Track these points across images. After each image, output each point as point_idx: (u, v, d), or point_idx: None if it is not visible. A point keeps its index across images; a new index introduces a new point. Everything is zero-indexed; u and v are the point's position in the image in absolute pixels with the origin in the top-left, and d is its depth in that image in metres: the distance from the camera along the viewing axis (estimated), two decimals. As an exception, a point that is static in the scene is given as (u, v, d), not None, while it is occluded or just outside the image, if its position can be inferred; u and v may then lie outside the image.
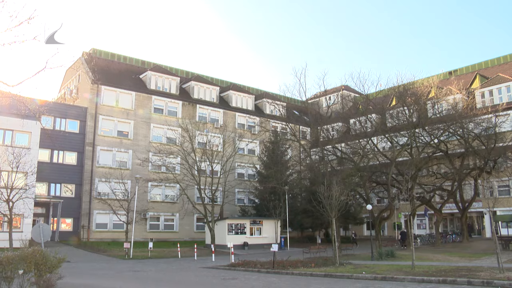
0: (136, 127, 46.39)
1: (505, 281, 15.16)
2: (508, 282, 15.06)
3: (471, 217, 46.52)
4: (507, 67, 49.32)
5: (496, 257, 18.13)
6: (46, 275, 12.13)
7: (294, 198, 49.25)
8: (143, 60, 54.22)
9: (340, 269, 21.33)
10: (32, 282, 12.11)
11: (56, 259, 12.62)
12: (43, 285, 11.82)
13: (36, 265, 12.04)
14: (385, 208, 39.67)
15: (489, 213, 23.15)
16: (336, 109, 52.43)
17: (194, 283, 18.86)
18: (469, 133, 38.43)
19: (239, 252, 35.08)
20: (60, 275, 12.69)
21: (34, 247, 12.63)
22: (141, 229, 43.09)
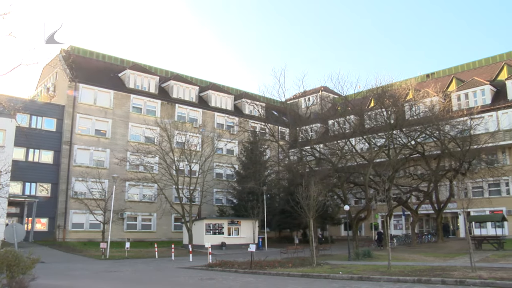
0: (114, 126, 45.95)
1: (477, 280, 15.47)
2: (479, 280, 15.36)
3: (446, 217, 47.22)
4: (482, 71, 50.20)
5: (469, 257, 18.44)
6: (18, 276, 11.94)
7: (272, 198, 49.36)
8: (122, 59, 53.73)
9: (317, 269, 21.42)
10: (3, 284, 11.90)
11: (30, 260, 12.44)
12: (15, 287, 11.63)
13: (8, 266, 11.83)
14: (362, 209, 40.00)
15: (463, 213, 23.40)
16: (315, 110, 52.68)
17: (171, 283, 18.74)
18: (445, 135, 39.01)
19: (216, 252, 34.98)
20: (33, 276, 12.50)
21: (6, 248, 12.42)
22: (118, 229, 42.69)
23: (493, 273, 16.87)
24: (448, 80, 51.15)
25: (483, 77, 47.81)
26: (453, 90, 48.19)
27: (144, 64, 54.21)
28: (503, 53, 50.68)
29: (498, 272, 17.47)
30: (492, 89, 45.45)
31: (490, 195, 42.92)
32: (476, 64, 52.33)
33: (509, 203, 42.01)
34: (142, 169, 43.80)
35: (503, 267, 19.79)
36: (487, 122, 41.54)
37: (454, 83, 49.71)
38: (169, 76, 54.73)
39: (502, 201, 42.32)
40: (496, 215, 37.34)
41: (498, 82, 46.28)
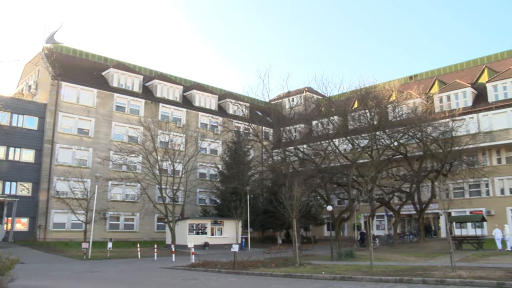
0: (97, 125, 45.55)
1: (457, 279, 15.70)
2: (459, 280, 15.59)
3: (427, 218, 47.71)
4: (463, 73, 50.85)
5: (450, 257, 18.67)
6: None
7: (256, 198, 49.41)
8: (105, 57, 53.28)
9: (300, 269, 21.49)
10: (-19, 285, 11.73)
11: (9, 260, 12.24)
12: (-7, 288, 11.46)
13: (-14, 267, 11.65)
14: (345, 209, 40.21)
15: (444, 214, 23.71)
16: (299, 110, 52.88)
17: (154, 283, 18.64)
18: (428, 137, 39.41)
19: (199, 252, 34.93)
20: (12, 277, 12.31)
21: (-15, 248, 12.23)
22: (100, 229, 42.33)
23: (472, 273, 17.12)
24: (431, 82, 51.72)
25: (464, 79, 48.45)
26: (435, 92, 48.74)
27: (128, 63, 53.84)
28: (484, 57, 51.43)
29: (477, 271, 17.74)
30: (473, 91, 46.08)
31: (471, 196, 43.51)
32: (458, 67, 53.00)
33: (489, 204, 42.65)
34: (125, 169, 43.46)
35: (482, 266, 20.10)
36: (468, 124, 42.09)
37: (437, 85, 50.29)
38: (153, 75, 54.45)
39: (482, 202, 42.95)
40: (476, 215, 37.86)
41: (479, 85, 46.93)
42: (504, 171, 42.52)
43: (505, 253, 28.61)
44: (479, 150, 43.12)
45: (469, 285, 15.03)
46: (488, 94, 44.29)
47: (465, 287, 14.92)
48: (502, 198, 42.32)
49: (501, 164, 43.02)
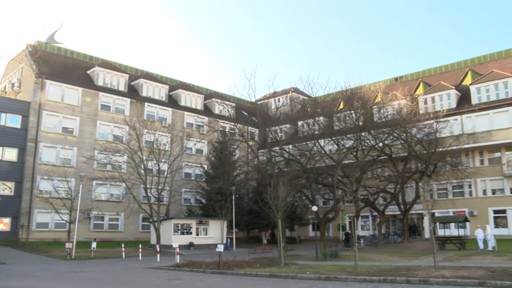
0: (82, 124, 45.18)
1: (440, 279, 15.88)
2: (442, 279, 15.77)
3: (412, 218, 48.11)
4: (448, 75, 51.38)
5: (433, 257, 18.86)
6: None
7: (241, 198, 49.41)
8: (91, 56, 52.84)
9: (285, 270, 21.52)
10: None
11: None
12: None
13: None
14: (330, 210, 40.40)
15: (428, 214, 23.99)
16: (285, 111, 52.99)
17: (138, 283, 18.54)
18: (412, 138, 39.72)
19: (184, 252, 34.80)
20: (-6, 276, 12.17)
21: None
22: (85, 229, 42.00)
23: (455, 272, 17.32)
24: (416, 84, 52.18)
25: (449, 81, 48.96)
26: (420, 93, 49.19)
27: (113, 61, 53.48)
28: (468, 59, 52.04)
29: (460, 271, 17.95)
30: (457, 93, 46.59)
31: (454, 197, 43.97)
32: (442, 69, 53.54)
33: (471, 205, 43.17)
34: (110, 168, 43.17)
35: (464, 266, 20.34)
36: (452, 125, 42.50)
37: (422, 87, 50.76)
38: (139, 74, 54.18)
39: (465, 203, 43.45)
40: (459, 216, 38.30)
41: (463, 87, 47.46)
42: (486, 172, 43.07)
43: (486, 252, 28.97)
44: (462, 152, 43.61)
45: (452, 285, 15.21)
46: (471, 96, 44.81)
47: (447, 286, 15.10)
48: (484, 199, 42.87)
49: (484, 166, 43.57)
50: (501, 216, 42.20)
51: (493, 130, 41.81)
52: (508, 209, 41.54)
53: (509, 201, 41.51)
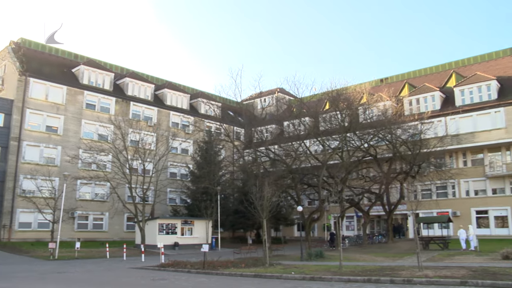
0: (67, 123, 44.76)
1: (423, 279, 16.07)
2: (425, 279, 15.96)
3: (396, 219, 48.49)
4: (432, 77, 51.87)
5: (417, 257, 19.04)
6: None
7: (226, 198, 49.36)
8: (76, 54, 52.30)
9: (270, 270, 21.55)
10: None
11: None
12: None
13: None
14: (316, 210, 40.54)
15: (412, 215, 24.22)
16: (271, 111, 53.03)
17: (122, 284, 18.44)
18: (397, 139, 40.03)
19: (169, 252, 34.71)
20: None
21: None
22: (68, 229, 41.60)
23: (438, 272, 17.51)
24: (401, 85, 52.57)
25: (433, 83, 49.43)
26: (405, 95, 49.58)
27: (99, 60, 53.02)
28: (452, 62, 52.62)
29: (443, 270, 18.15)
30: (442, 95, 47.05)
31: (438, 197, 44.45)
32: (427, 71, 54.04)
33: (455, 205, 43.66)
34: (94, 167, 42.81)
35: (447, 265, 20.57)
36: (436, 127, 42.93)
37: (407, 89, 51.17)
38: (125, 73, 53.82)
39: (448, 203, 43.93)
40: (443, 216, 38.68)
41: (447, 89, 47.94)
42: (469, 173, 43.58)
43: (468, 252, 29.34)
44: (446, 153, 44.07)
45: (435, 284, 15.39)
46: (455, 98, 45.28)
47: (430, 286, 15.28)
48: (467, 200, 43.39)
49: (467, 167, 44.08)
50: (483, 216, 42.76)
51: (476, 132, 42.31)
52: (490, 209, 42.10)
53: (491, 201, 42.07)
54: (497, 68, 46.88)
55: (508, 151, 42.12)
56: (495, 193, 42.45)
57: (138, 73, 55.63)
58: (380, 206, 43.37)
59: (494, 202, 41.99)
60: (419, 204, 23.58)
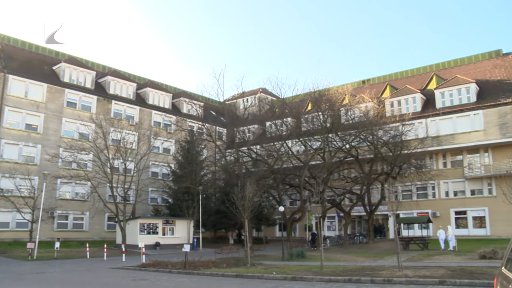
0: (47, 121, 44.15)
1: (403, 278, 16.28)
2: (405, 279, 16.17)
3: (377, 219, 48.89)
4: (414, 79, 52.43)
5: (397, 257, 19.24)
6: None
7: (208, 198, 49.26)
8: (57, 51, 51.57)
9: (251, 270, 21.58)
10: None
11: None
12: None
13: None
14: (297, 210, 40.69)
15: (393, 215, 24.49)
16: (253, 111, 53.04)
17: (102, 284, 18.29)
18: (378, 140, 40.37)
19: (150, 252, 34.53)
20: None
21: None
22: (48, 228, 41.03)
23: (417, 272, 17.73)
24: (383, 87, 53.02)
25: (414, 85, 49.95)
26: (387, 96, 50.00)
27: (80, 58, 52.39)
28: (433, 64, 53.28)
29: (422, 270, 18.38)
30: (422, 97, 47.56)
31: (418, 198, 44.89)
32: (408, 73, 54.62)
33: (435, 206, 44.17)
34: (75, 166, 42.32)
35: (426, 265, 20.84)
36: (417, 128, 43.36)
37: (388, 90, 51.62)
38: (106, 72, 53.31)
39: (428, 204, 44.41)
40: (423, 217, 39.09)
41: (428, 91, 48.48)
42: (449, 175, 44.14)
43: (447, 252, 29.75)
44: (426, 154, 44.56)
45: (414, 284, 15.58)
46: (436, 100, 45.80)
47: (410, 286, 15.46)
48: (446, 200, 43.95)
49: (447, 168, 44.63)
50: (462, 217, 43.35)
51: (456, 134, 42.86)
52: (468, 210, 42.70)
53: (470, 202, 42.67)
54: (476, 71, 47.59)
55: (486, 153, 42.79)
56: (474, 194, 43.07)
57: (120, 71, 55.17)
58: (361, 206, 43.68)
59: (472, 203, 42.60)
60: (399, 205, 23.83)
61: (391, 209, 24.69)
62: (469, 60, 50.38)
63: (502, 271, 6.05)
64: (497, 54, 48.69)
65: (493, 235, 39.70)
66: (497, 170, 40.73)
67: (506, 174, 37.53)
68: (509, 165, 39.35)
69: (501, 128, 40.49)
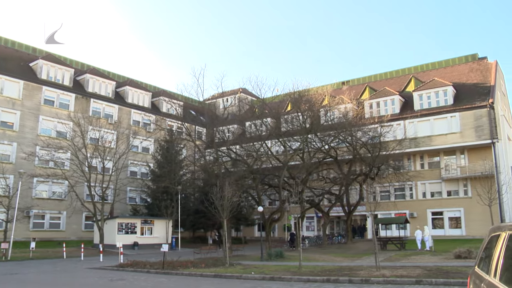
0: (23, 118, 43.41)
1: (380, 278, 16.45)
2: (382, 279, 16.35)
3: (355, 220, 49.26)
4: (393, 81, 53.01)
5: (374, 257, 19.44)
6: None
7: (187, 198, 49.06)
8: (34, 47, 50.76)
9: (230, 270, 21.58)
10: None
11: None
12: None
13: None
14: (276, 210, 40.77)
15: (371, 216, 24.75)
16: (233, 111, 52.97)
17: (79, 285, 18.08)
18: (357, 141, 40.67)
19: (128, 252, 34.28)
20: None
21: None
22: (23, 228, 40.35)
23: (394, 272, 17.94)
24: (362, 89, 53.46)
25: (393, 87, 50.48)
26: (366, 98, 50.40)
27: (58, 55, 51.69)
28: (411, 67, 53.97)
29: (399, 270, 18.62)
30: (401, 99, 48.10)
31: (396, 199, 45.41)
32: (387, 75, 55.22)
33: (412, 207, 44.70)
34: (52, 165, 41.77)
35: (403, 265, 21.11)
36: (395, 130, 43.83)
37: (367, 92, 52.06)
38: (85, 69, 52.68)
39: (406, 205, 44.92)
40: (400, 217, 39.54)
41: (406, 93, 49.05)
42: (426, 176, 44.73)
43: (424, 252, 30.17)
44: (404, 155, 45.08)
45: (392, 284, 15.77)
46: (414, 102, 46.34)
47: (387, 285, 15.64)
48: (423, 201, 44.52)
49: (424, 169, 45.22)
50: (439, 217, 43.95)
51: (433, 136, 43.42)
52: (444, 211, 43.31)
53: (446, 203, 43.29)
54: (453, 74, 48.37)
55: (462, 154, 43.48)
56: (450, 195, 43.71)
57: (99, 69, 54.57)
58: (340, 207, 43.96)
59: (448, 203, 43.23)
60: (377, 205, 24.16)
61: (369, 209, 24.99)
62: (446, 63, 51.20)
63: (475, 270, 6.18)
64: (473, 58, 49.60)
65: (468, 235, 40.35)
66: (472, 171, 41.43)
67: (481, 176, 38.24)
68: (484, 167, 40.10)
69: (477, 130, 41.19)
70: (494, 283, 4.85)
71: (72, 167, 39.63)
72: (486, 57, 48.93)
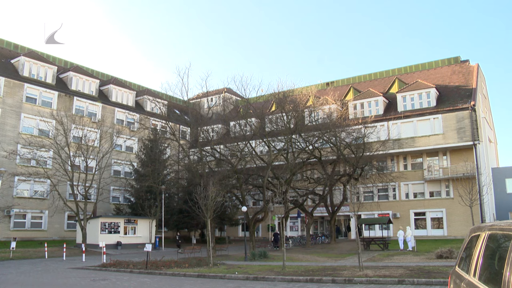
0: (4, 116, 42.83)
1: (363, 278, 16.60)
2: (365, 279, 16.49)
3: (339, 220, 49.53)
4: (377, 83, 53.42)
5: (358, 257, 19.59)
6: None
7: (171, 198, 48.87)
8: (16, 44, 50.12)
9: (213, 270, 21.56)
10: None
11: None
12: None
13: None
14: (260, 210, 40.80)
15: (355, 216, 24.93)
16: (217, 110, 52.94)
17: (60, 285, 17.89)
18: (341, 142, 40.92)
19: (111, 252, 34.04)
20: None
21: None
22: (4, 227, 39.89)
23: (377, 271, 18.09)
24: (346, 90, 53.78)
25: (377, 89, 50.88)
26: (350, 99, 50.69)
27: (41, 52, 51.08)
28: (395, 68, 54.42)
29: (382, 270, 18.77)
30: (385, 100, 48.49)
31: (379, 200, 45.78)
32: (372, 76, 55.62)
33: (395, 207, 45.11)
34: (34, 164, 41.29)
35: (386, 265, 21.28)
36: (379, 131, 44.18)
37: (352, 93, 52.38)
38: (68, 67, 52.18)
39: (389, 205, 45.33)
40: (383, 218, 39.86)
41: (390, 95, 49.47)
42: (409, 177, 45.16)
43: (406, 252, 30.44)
44: (388, 156, 45.48)
45: (374, 283, 15.91)
46: (397, 103, 46.74)
47: (370, 285, 15.77)
48: (406, 202, 44.94)
49: (407, 170, 45.65)
50: (421, 218, 44.40)
51: (416, 137, 43.85)
52: (427, 211, 43.76)
53: (428, 204, 43.75)
54: (436, 76, 48.91)
55: (444, 156, 43.99)
56: (432, 196, 44.18)
57: (83, 67, 54.07)
58: (324, 207, 44.17)
59: (431, 204, 43.70)
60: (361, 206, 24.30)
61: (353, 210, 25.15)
62: (429, 65, 51.75)
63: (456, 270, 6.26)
64: (456, 61, 50.21)
65: (449, 236, 40.87)
66: (454, 172, 41.91)
67: (463, 177, 38.79)
68: (466, 168, 40.62)
69: (459, 132, 41.69)
70: (473, 282, 4.93)
71: (55, 165, 39.22)
72: (468, 60, 49.58)
